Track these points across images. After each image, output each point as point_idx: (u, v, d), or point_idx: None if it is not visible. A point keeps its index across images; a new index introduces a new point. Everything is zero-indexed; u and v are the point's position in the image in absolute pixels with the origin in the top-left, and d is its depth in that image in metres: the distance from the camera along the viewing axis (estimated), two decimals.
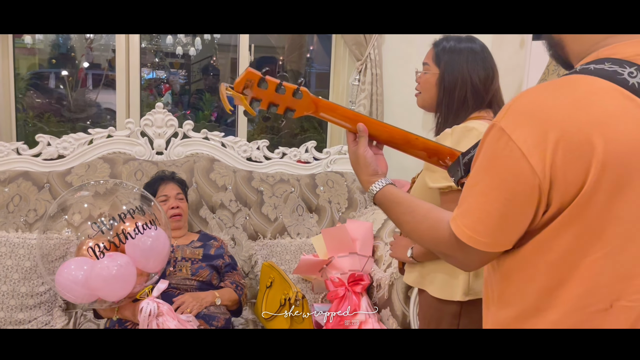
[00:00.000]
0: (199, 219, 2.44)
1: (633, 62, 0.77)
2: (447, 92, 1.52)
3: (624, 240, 0.77)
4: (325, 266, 2.23)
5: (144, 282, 1.82)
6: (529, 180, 0.76)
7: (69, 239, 2.07)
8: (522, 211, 0.79)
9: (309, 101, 1.11)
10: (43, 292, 2.11)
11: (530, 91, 0.81)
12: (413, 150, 1.15)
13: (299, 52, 4.63)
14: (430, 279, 1.58)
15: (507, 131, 0.78)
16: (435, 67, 1.55)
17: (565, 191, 0.76)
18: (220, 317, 1.99)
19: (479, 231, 0.82)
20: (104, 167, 2.40)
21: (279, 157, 2.71)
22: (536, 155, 0.75)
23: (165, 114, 2.55)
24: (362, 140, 1.10)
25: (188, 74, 4.45)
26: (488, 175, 0.81)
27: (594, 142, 0.73)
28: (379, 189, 1.04)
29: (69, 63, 3.99)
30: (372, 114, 2.83)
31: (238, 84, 1.08)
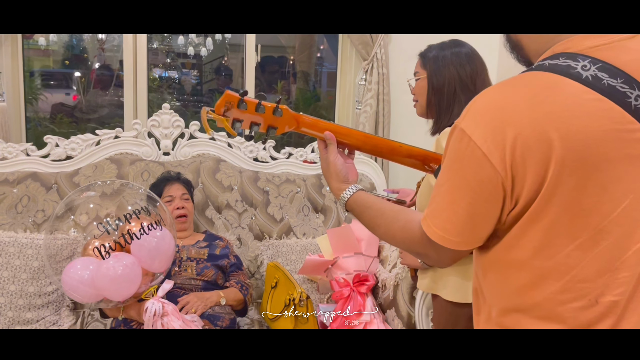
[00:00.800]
0: (205, 219, 2.45)
1: (586, 55, 0.78)
2: (436, 90, 1.56)
3: (595, 232, 0.77)
4: (330, 266, 2.23)
5: (149, 282, 1.83)
6: (491, 179, 0.78)
7: (75, 239, 2.09)
8: (488, 210, 0.81)
9: (290, 118, 1.13)
10: (51, 291, 2.13)
11: (487, 91, 0.83)
12: (398, 157, 1.17)
13: (308, 52, 4.63)
14: (443, 283, 1.59)
15: (468, 132, 0.79)
16: (424, 72, 1.60)
17: (529, 187, 0.77)
18: (225, 317, 2.00)
19: (448, 230, 0.84)
20: (111, 167, 2.41)
21: (285, 157, 2.71)
22: (496, 154, 0.77)
23: (171, 115, 2.57)
24: (332, 148, 1.12)
25: (200, 74, 4.46)
26: (453, 175, 0.83)
27: (551, 137, 0.75)
28: (349, 195, 1.06)
29: (82, 64, 4.03)
30: (379, 113, 2.83)
31: (218, 106, 1.10)
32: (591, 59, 0.78)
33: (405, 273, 2.03)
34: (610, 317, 0.80)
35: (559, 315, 0.81)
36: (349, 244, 2.21)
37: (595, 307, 0.79)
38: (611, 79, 0.76)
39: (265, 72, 4.50)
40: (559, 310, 0.81)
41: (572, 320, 0.81)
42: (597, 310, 0.80)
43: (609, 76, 0.76)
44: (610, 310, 0.79)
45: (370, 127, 2.80)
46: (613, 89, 0.76)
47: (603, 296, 0.79)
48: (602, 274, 0.79)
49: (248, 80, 2.97)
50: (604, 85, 0.76)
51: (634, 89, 0.76)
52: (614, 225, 0.77)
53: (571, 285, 0.79)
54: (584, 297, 0.79)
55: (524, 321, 0.84)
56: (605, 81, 0.76)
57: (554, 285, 0.80)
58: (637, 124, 0.75)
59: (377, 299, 2.20)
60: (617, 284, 0.79)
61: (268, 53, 4.52)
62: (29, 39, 3.34)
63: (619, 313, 0.80)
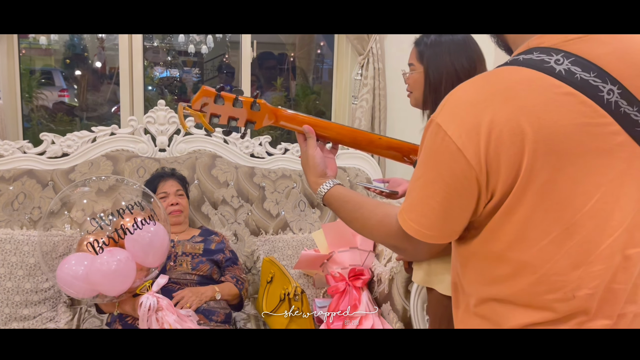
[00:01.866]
0: (201, 215, 2.45)
1: (560, 49, 0.79)
2: (433, 88, 1.53)
3: (568, 225, 0.78)
4: (326, 261, 2.23)
5: (144, 276, 1.84)
6: (466, 174, 0.78)
7: (70, 236, 2.10)
8: (463, 204, 0.81)
9: (268, 112, 1.13)
10: (47, 288, 2.14)
11: (462, 86, 0.83)
12: (378, 150, 1.18)
13: (307, 49, 4.63)
14: (439, 278, 1.59)
15: (443, 126, 0.80)
16: (420, 65, 1.56)
17: (503, 181, 0.78)
18: (220, 312, 2.00)
19: (423, 224, 0.84)
20: (106, 164, 2.42)
21: (282, 153, 2.71)
22: (470, 148, 0.77)
23: (167, 111, 2.57)
24: (311, 141, 1.13)
25: (201, 72, 4.47)
26: (428, 169, 0.83)
27: (524, 131, 0.75)
28: (327, 189, 1.06)
29: (82, 63, 4.04)
30: (375, 108, 2.83)
31: (195, 102, 1.10)
32: (564, 53, 0.78)
33: (400, 267, 2.02)
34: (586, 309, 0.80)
35: (536, 304, 0.82)
36: (344, 238, 2.21)
37: (573, 301, 0.80)
38: (584, 73, 0.76)
39: (264, 69, 4.50)
40: (536, 300, 0.82)
41: (549, 310, 0.81)
42: (575, 304, 0.80)
43: (582, 70, 0.77)
44: (587, 303, 0.80)
45: (367, 122, 2.80)
46: (586, 83, 0.76)
47: (579, 289, 0.80)
48: (576, 267, 0.79)
49: (244, 76, 2.97)
50: (577, 79, 0.76)
51: (607, 83, 0.76)
52: (586, 218, 0.78)
53: (545, 278, 0.80)
54: (559, 290, 0.80)
55: (499, 308, 0.85)
56: (578, 75, 0.76)
57: (529, 278, 0.81)
58: (609, 118, 0.76)
59: (373, 293, 2.20)
60: (591, 277, 0.79)
61: (267, 50, 4.52)
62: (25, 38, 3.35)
63: (595, 305, 0.80)
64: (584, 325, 0.81)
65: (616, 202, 0.78)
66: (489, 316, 0.87)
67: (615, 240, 0.79)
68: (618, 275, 0.80)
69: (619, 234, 0.79)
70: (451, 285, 0.98)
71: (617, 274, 0.80)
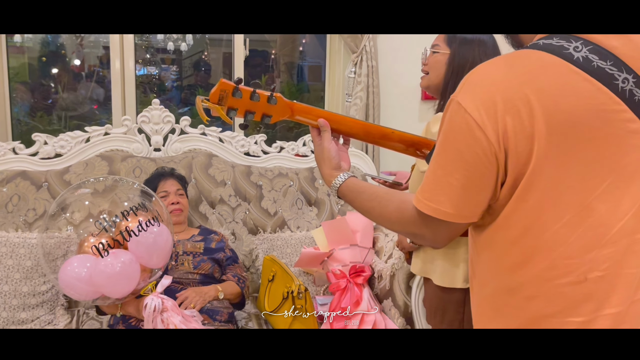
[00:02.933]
0: (199, 214, 2.44)
1: (579, 37, 0.81)
2: (455, 73, 1.53)
3: (580, 209, 0.80)
4: (326, 259, 2.24)
5: (148, 278, 1.83)
6: (486, 150, 0.80)
7: (70, 238, 2.07)
8: (482, 181, 0.82)
9: (284, 106, 1.13)
10: (45, 291, 2.11)
11: (483, 65, 0.85)
12: (390, 143, 1.19)
13: (292, 46, 4.62)
14: (432, 267, 1.61)
15: (463, 104, 0.81)
16: (447, 48, 1.55)
17: (518, 161, 0.80)
18: (224, 312, 2.00)
19: (441, 202, 0.85)
20: (102, 164, 2.39)
21: (277, 151, 2.71)
22: (490, 126, 0.79)
23: (162, 110, 2.55)
24: (326, 135, 1.13)
25: (179, 70, 4.42)
26: (447, 148, 0.84)
27: (540, 114, 0.77)
28: (341, 182, 1.07)
29: (60, 61, 3.96)
30: (369, 105, 2.84)
31: (213, 95, 1.10)
32: (583, 41, 0.80)
33: (402, 263, 2.05)
34: (598, 293, 0.82)
35: (546, 292, 0.83)
36: (344, 235, 2.23)
37: (585, 283, 0.82)
38: (601, 61, 0.79)
39: (249, 66, 4.49)
40: (547, 286, 0.83)
41: (559, 297, 0.83)
42: (587, 286, 0.82)
43: (599, 58, 0.79)
44: (598, 285, 0.82)
45: (361, 119, 2.81)
46: (602, 71, 0.78)
47: (591, 272, 0.81)
48: (589, 251, 0.81)
49: (237, 74, 2.95)
50: (594, 67, 0.78)
51: (622, 72, 0.79)
52: (597, 202, 0.80)
53: (559, 262, 0.82)
54: (571, 273, 0.82)
55: (511, 301, 0.87)
56: (595, 63, 0.79)
57: (542, 263, 0.83)
58: (624, 106, 0.78)
59: (374, 290, 2.22)
60: (602, 260, 0.81)
61: (251, 47, 4.50)
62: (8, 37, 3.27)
63: (605, 289, 0.82)
64: (595, 313, 0.83)
65: (627, 187, 0.80)
66: (501, 309, 0.89)
67: (625, 224, 0.81)
68: (628, 259, 0.82)
69: (629, 218, 0.81)
70: (469, 273, 1.00)
71: (627, 257, 0.82)
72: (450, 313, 1.58)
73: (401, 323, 2.04)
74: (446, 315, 1.59)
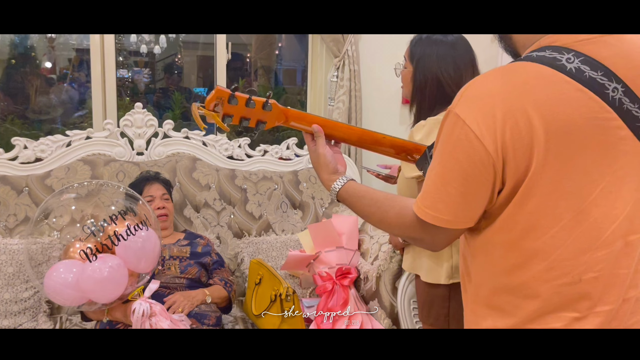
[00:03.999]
0: (184, 218, 2.43)
1: (571, 49, 0.85)
2: (418, 90, 1.60)
3: (576, 213, 0.84)
4: (312, 261, 2.26)
5: (135, 283, 1.81)
6: (484, 161, 0.83)
7: (58, 242, 2.04)
8: (480, 190, 0.86)
9: (279, 112, 1.15)
10: (27, 297, 2.08)
11: (480, 78, 0.89)
12: (382, 148, 1.22)
13: (269, 49, 4.63)
14: (420, 263, 1.68)
15: (462, 116, 0.84)
16: (410, 64, 1.63)
17: (517, 170, 0.83)
18: (212, 316, 2.00)
19: (440, 209, 0.88)
20: (84, 169, 2.36)
21: (261, 155, 2.72)
22: (488, 137, 0.82)
23: (144, 114, 2.53)
24: (320, 140, 1.15)
25: (152, 73, 4.38)
26: (446, 158, 0.87)
27: (538, 123, 0.81)
28: (341, 185, 1.09)
29: (29, 63, 3.89)
30: (351, 109, 2.87)
31: (209, 102, 1.12)
32: (575, 53, 0.84)
33: (388, 264, 2.08)
34: (593, 293, 0.86)
35: (543, 293, 0.87)
36: (330, 238, 2.25)
37: (580, 284, 0.86)
38: (592, 72, 0.83)
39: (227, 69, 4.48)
40: (544, 287, 0.87)
41: (556, 296, 0.87)
42: (581, 287, 0.86)
43: (590, 69, 0.83)
44: (592, 286, 0.86)
45: (352, 125, 2.84)
46: (593, 80, 0.82)
47: (586, 273, 0.85)
48: (584, 252, 0.85)
49: (219, 77, 2.95)
50: (586, 77, 0.82)
51: (612, 82, 0.83)
52: (592, 206, 0.84)
53: (556, 264, 0.86)
54: (568, 274, 0.86)
55: (510, 299, 0.90)
56: (587, 73, 0.83)
57: (540, 265, 0.86)
58: (614, 114, 0.83)
59: (360, 291, 2.25)
60: (596, 261, 0.85)
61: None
62: None
63: (601, 288, 0.86)
64: (589, 310, 0.87)
65: (619, 191, 0.85)
66: (499, 306, 0.92)
67: (618, 226, 0.85)
68: (621, 260, 0.86)
69: (621, 221, 0.85)
70: (460, 275, 1.03)
71: (620, 259, 0.86)
72: (436, 307, 1.66)
73: (387, 324, 2.06)
74: (432, 309, 1.68)
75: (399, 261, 2.02)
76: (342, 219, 2.33)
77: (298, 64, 4.62)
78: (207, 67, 4.65)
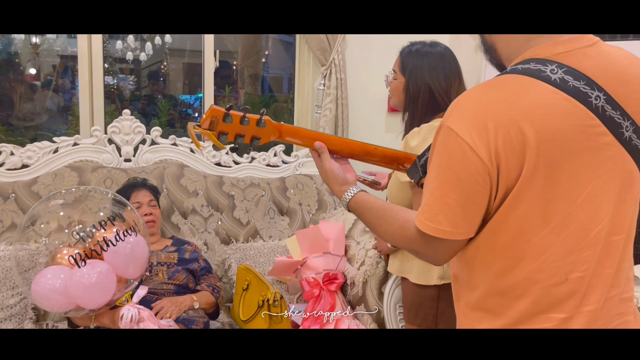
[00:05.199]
0: (171, 225, 2.44)
1: (553, 61, 0.89)
2: (412, 100, 1.66)
3: (565, 216, 0.88)
4: (299, 267, 2.28)
5: (123, 288, 1.82)
6: (479, 170, 0.86)
7: (39, 250, 2.04)
8: (478, 198, 0.89)
9: (273, 128, 1.18)
10: (13, 304, 2.07)
11: (470, 91, 0.92)
12: (373, 159, 1.25)
13: (256, 57, 4.66)
14: (409, 266, 1.72)
15: (454, 129, 0.88)
16: (401, 76, 1.68)
17: (509, 176, 0.87)
18: (199, 321, 2.01)
19: (440, 222, 0.90)
20: (71, 175, 2.36)
21: (248, 162, 2.74)
22: (482, 147, 0.85)
23: (132, 121, 2.54)
24: (325, 156, 1.18)
25: (138, 80, 4.39)
26: (443, 171, 0.90)
27: (527, 132, 0.85)
28: (350, 197, 1.12)
29: (13, 69, 3.87)
30: (338, 117, 2.91)
31: (204, 121, 1.14)
32: (558, 64, 0.89)
33: (374, 270, 2.11)
34: (578, 292, 0.90)
35: (533, 294, 0.91)
36: (317, 244, 2.27)
37: (566, 283, 0.90)
38: (575, 81, 0.87)
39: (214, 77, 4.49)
40: (534, 288, 0.90)
41: (545, 296, 0.90)
42: (568, 286, 0.90)
43: (573, 79, 0.87)
44: (578, 285, 0.90)
45: (330, 131, 2.88)
46: (577, 90, 0.87)
47: (572, 273, 0.89)
48: (570, 253, 0.89)
49: (207, 85, 2.97)
50: (570, 87, 0.87)
51: (594, 90, 0.87)
52: (579, 209, 0.88)
53: (545, 265, 0.89)
54: (556, 274, 0.89)
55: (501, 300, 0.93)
56: (570, 83, 0.87)
57: (530, 266, 0.90)
58: (597, 121, 0.87)
59: (346, 297, 2.27)
60: (582, 262, 0.89)
61: None
62: None
63: (585, 288, 0.90)
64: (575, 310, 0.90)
65: (604, 194, 0.89)
66: (491, 308, 0.95)
67: (603, 228, 0.90)
68: (604, 260, 0.91)
69: (605, 223, 0.90)
70: (451, 279, 1.05)
71: (603, 259, 0.91)
72: (425, 308, 1.70)
73: (374, 328, 2.09)
74: (421, 310, 1.71)
75: (384, 267, 2.05)
76: (329, 225, 2.35)
77: (285, 72, 4.65)
78: (193, 74, 4.66)
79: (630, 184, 0.91)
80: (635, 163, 0.90)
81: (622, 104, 0.88)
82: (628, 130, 0.88)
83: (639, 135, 0.89)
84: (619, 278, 0.94)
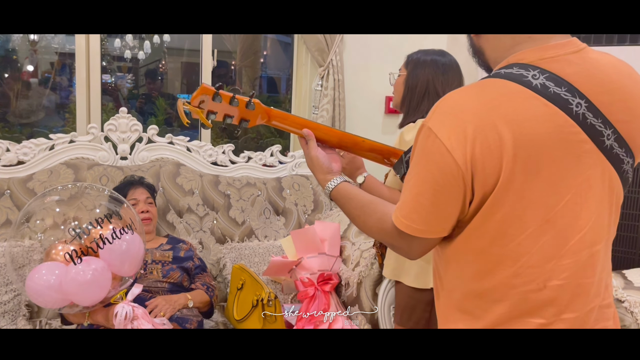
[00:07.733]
0: (167, 223, 2.44)
1: (536, 66, 0.90)
2: (410, 89, 1.71)
3: (542, 222, 0.88)
4: (294, 267, 2.28)
5: (118, 286, 1.82)
6: (454, 173, 0.87)
7: (34, 246, 2.03)
8: (450, 200, 0.89)
9: (262, 111, 1.19)
10: (7, 301, 2.06)
11: (452, 94, 0.93)
12: (361, 151, 1.26)
13: (254, 57, 4.66)
14: (406, 270, 1.73)
15: (434, 130, 0.88)
16: (405, 70, 1.75)
17: (485, 182, 0.87)
18: (193, 320, 2.01)
19: (414, 219, 0.92)
20: (67, 172, 2.36)
21: (245, 161, 2.74)
22: (459, 150, 0.86)
23: (129, 119, 2.54)
24: (312, 143, 1.20)
25: (136, 78, 4.38)
26: (420, 169, 0.91)
27: (506, 137, 0.85)
28: (333, 186, 1.13)
29: (11, 66, 3.86)
30: (335, 118, 2.92)
31: (194, 98, 1.15)
32: (540, 70, 0.89)
33: (369, 271, 2.11)
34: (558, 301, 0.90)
35: (510, 298, 0.91)
36: (312, 244, 2.28)
37: (544, 290, 0.90)
38: (557, 88, 0.87)
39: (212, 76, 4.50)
40: (511, 293, 0.91)
41: (525, 303, 0.91)
42: (546, 293, 0.90)
43: (555, 85, 0.87)
44: (558, 293, 0.90)
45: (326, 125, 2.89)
46: (558, 96, 0.87)
47: (550, 280, 0.89)
48: (549, 260, 0.89)
49: None
50: (551, 93, 0.87)
51: (575, 97, 0.87)
52: (558, 216, 0.88)
53: (522, 270, 0.89)
54: (533, 281, 0.90)
55: (479, 303, 0.94)
56: (551, 89, 0.87)
57: (507, 270, 0.90)
58: (578, 128, 0.87)
59: (341, 297, 2.28)
60: (561, 270, 0.89)
61: None
62: None
63: (568, 297, 0.90)
64: (555, 317, 0.91)
65: (584, 202, 0.89)
66: (469, 310, 0.96)
67: (584, 236, 0.89)
68: (586, 269, 0.91)
69: (586, 231, 0.89)
70: (433, 280, 1.06)
71: (586, 268, 0.91)
72: (418, 312, 1.71)
73: (367, 328, 2.09)
74: (414, 313, 1.73)
75: (379, 268, 2.06)
76: (325, 226, 2.36)
77: (283, 72, 4.66)
78: (191, 73, 4.66)
79: (610, 192, 0.91)
80: (615, 171, 0.90)
81: (605, 112, 0.88)
82: (609, 139, 0.88)
83: (620, 143, 0.89)
84: (600, 287, 0.94)
